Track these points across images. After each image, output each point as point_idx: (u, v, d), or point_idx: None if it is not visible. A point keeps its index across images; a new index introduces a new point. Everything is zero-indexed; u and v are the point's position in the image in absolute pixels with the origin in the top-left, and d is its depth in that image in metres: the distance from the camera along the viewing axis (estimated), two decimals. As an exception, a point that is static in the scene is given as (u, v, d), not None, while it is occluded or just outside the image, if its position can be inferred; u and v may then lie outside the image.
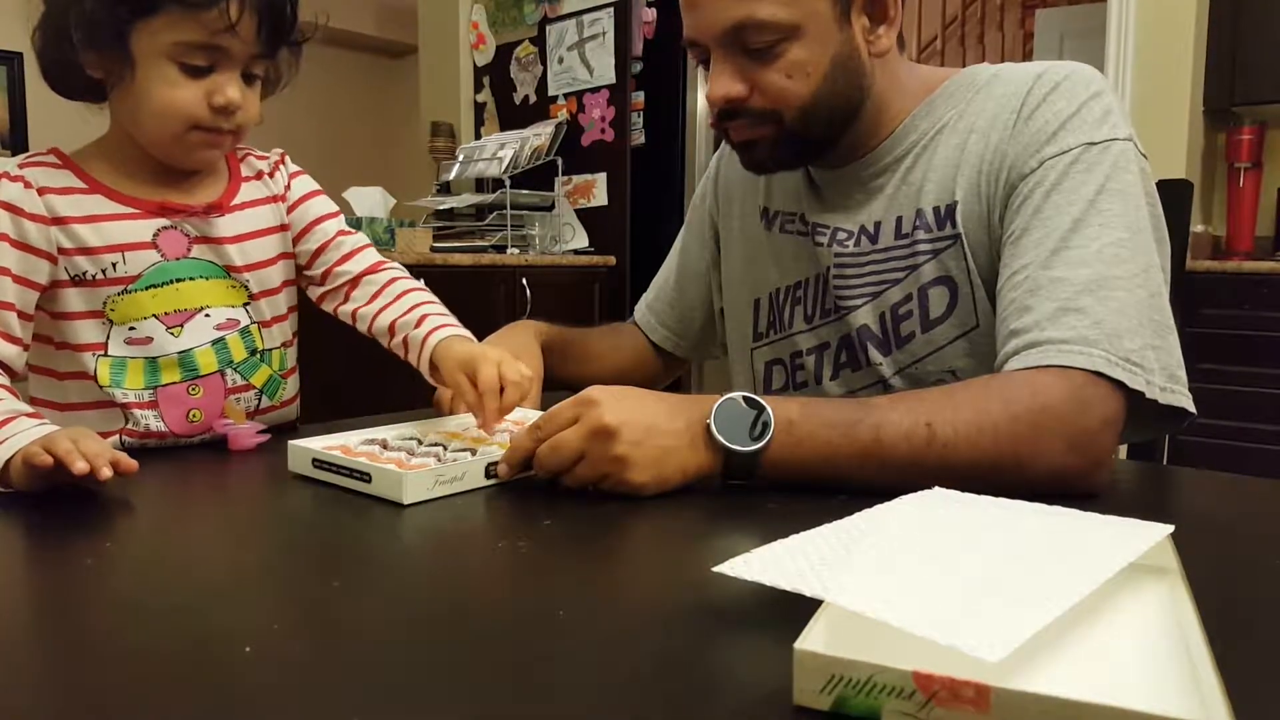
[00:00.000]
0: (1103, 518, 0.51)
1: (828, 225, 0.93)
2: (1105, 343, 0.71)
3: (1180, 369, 0.76)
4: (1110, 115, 0.81)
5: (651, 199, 3.36)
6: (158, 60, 0.79)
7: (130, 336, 0.84)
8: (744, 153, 0.89)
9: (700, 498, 0.67)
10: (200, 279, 0.87)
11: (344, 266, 0.95)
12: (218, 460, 0.82)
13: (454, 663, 0.41)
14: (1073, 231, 0.76)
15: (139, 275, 0.84)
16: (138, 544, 0.60)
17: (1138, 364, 0.72)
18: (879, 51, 0.86)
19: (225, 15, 0.77)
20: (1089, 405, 0.70)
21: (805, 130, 0.84)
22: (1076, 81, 0.82)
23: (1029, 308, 0.75)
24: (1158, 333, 0.75)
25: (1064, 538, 0.49)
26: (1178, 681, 0.38)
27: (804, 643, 0.36)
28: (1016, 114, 0.83)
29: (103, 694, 0.38)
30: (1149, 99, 2.75)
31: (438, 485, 0.66)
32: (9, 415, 0.72)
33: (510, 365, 0.79)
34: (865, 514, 0.52)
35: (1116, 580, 0.43)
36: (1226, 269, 2.72)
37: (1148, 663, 0.40)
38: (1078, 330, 0.72)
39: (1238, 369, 2.68)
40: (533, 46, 3.41)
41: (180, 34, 0.78)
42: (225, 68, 0.81)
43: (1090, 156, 0.79)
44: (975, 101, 0.87)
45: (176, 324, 0.86)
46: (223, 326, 0.88)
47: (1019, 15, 5.43)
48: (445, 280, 2.69)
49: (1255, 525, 0.67)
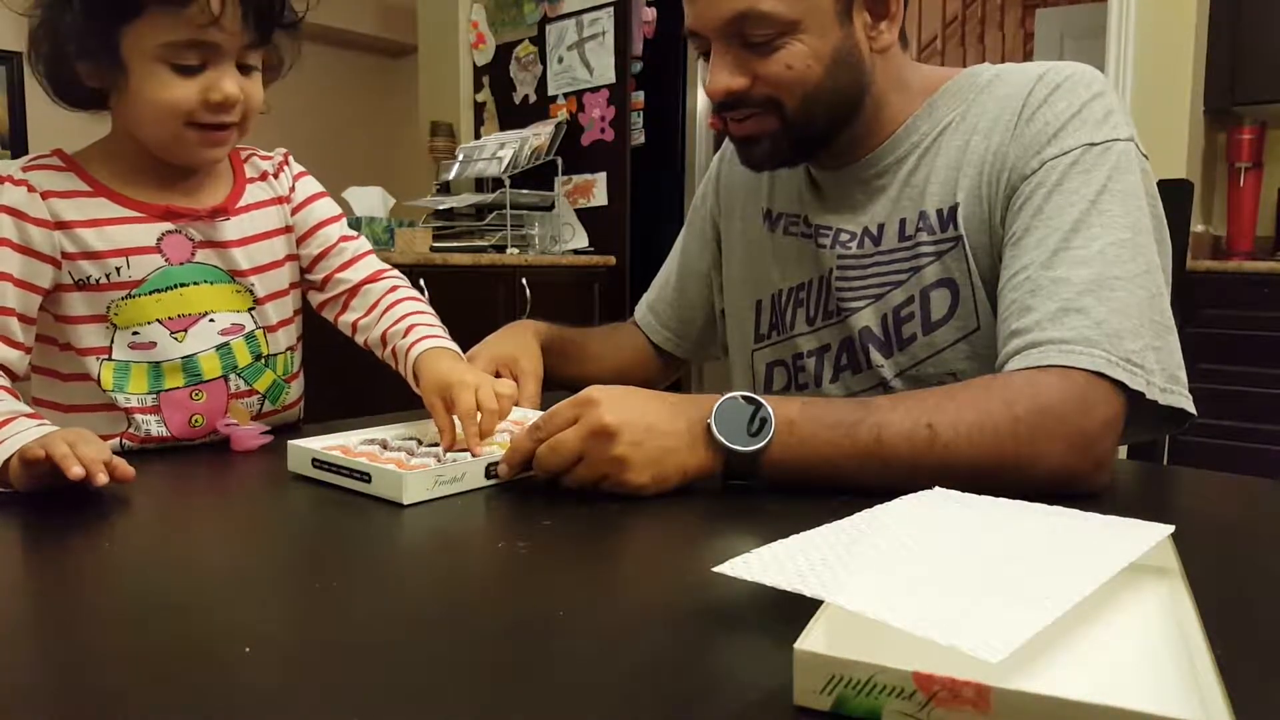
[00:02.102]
0: (1103, 518, 0.51)
1: (830, 227, 0.93)
2: (1106, 343, 0.71)
3: (1180, 370, 0.76)
4: (1112, 116, 0.81)
5: (651, 199, 3.36)
6: (148, 63, 0.78)
7: (134, 341, 0.84)
8: (743, 149, 0.89)
9: (700, 498, 0.67)
10: (205, 284, 0.86)
11: (344, 274, 0.96)
12: (218, 460, 0.82)
13: (454, 663, 0.41)
14: (1074, 232, 0.76)
15: (143, 280, 0.83)
16: (138, 544, 0.60)
17: (1139, 365, 0.72)
18: (880, 48, 0.86)
19: (207, 10, 0.76)
20: (1090, 406, 0.70)
21: (806, 121, 0.84)
22: (1078, 82, 0.82)
23: (1030, 308, 0.75)
24: (1158, 334, 0.75)
25: (1064, 538, 0.49)
26: (1177, 682, 0.38)
27: (804, 643, 0.36)
28: (1018, 115, 0.83)
29: (102, 694, 0.38)
30: (1149, 99, 2.75)
31: (438, 485, 0.67)
32: (9, 416, 0.72)
33: (487, 391, 0.78)
34: (865, 514, 0.52)
35: (1117, 580, 0.43)
36: (1226, 269, 2.72)
37: (1148, 663, 0.40)
38: (1079, 330, 0.72)
39: (1238, 369, 2.68)
40: (533, 46, 3.41)
41: (166, 34, 0.77)
42: (217, 62, 0.79)
43: (1091, 157, 0.79)
44: (977, 103, 0.87)
45: (180, 329, 0.85)
46: (227, 332, 0.88)
47: (1019, 15, 5.43)
48: (445, 280, 2.70)
49: (1255, 525, 0.67)
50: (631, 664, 0.40)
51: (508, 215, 3.03)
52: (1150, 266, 0.77)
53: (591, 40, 3.21)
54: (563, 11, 3.29)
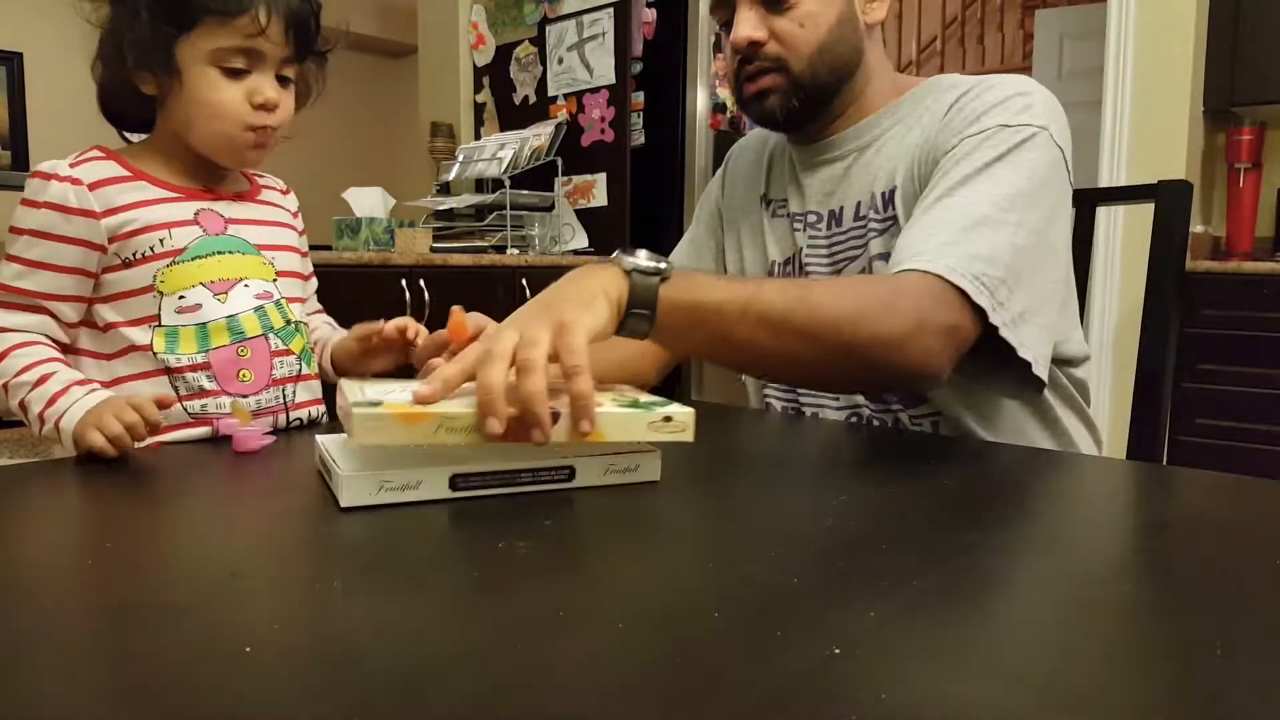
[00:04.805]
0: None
1: (803, 213, 1.07)
2: (959, 262, 0.81)
3: (1033, 326, 0.84)
4: (1032, 109, 0.90)
5: (651, 199, 3.36)
6: (201, 67, 0.90)
7: (180, 306, 0.92)
8: (756, 104, 1.01)
9: (700, 498, 0.67)
10: (238, 254, 0.96)
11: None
12: (219, 461, 0.82)
13: (454, 663, 0.41)
14: (961, 185, 0.87)
15: (184, 248, 0.92)
16: (138, 544, 0.60)
17: (987, 287, 0.81)
18: (872, 20, 1.00)
19: (256, 20, 0.89)
20: (939, 303, 0.80)
21: (811, 77, 0.97)
22: (1011, 84, 0.93)
23: (910, 240, 0.86)
24: (1016, 279, 0.83)
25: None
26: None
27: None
28: (949, 106, 0.95)
29: (102, 694, 0.38)
30: (1149, 99, 2.75)
31: (383, 492, 0.63)
32: (65, 385, 0.85)
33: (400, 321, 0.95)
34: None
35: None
36: (1226, 269, 2.71)
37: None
38: (941, 250, 0.82)
39: (1238, 369, 2.68)
40: (532, 47, 3.41)
41: (218, 41, 0.89)
42: (260, 69, 0.92)
43: (1002, 135, 0.89)
44: (933, 104, 0.98)
45: (222, 291, 0.94)
46: (261, 296, 0.97)
47: (1019, 15, 5.43)
48: (445, 281, 2.70)
49: (1255, 525, 0.67)
50: (631, 664, 0.40)
51: (508, 216, 3.03)
52: (1024, 225, 0.85)
53: (591, 41, 3.22)
54: (563, 12, 3.29)
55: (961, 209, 0.85)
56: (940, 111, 0.95)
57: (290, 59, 0.94)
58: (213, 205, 0.96)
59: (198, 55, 0.89)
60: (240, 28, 0.89)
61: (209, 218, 0.95)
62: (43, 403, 0.85)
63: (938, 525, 0.59)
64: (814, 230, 1.04)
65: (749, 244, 1.14)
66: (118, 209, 0.90)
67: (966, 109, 0.92)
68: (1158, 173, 0.86)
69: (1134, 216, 2.76)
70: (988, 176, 0.87)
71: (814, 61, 0.96)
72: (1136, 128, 2.78)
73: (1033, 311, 0.84)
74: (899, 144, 0.98)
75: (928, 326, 0.78)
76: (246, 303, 0.95)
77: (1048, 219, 0.87)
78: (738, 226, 1.16)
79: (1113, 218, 2.80)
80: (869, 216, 0.99)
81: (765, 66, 0.97)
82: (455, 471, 0.64)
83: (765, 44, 0.96)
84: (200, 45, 0.89)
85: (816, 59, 0.96)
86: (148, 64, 0.90)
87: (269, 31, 0.90)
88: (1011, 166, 0.87)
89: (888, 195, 0.98)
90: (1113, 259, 2.81)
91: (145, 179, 0.93)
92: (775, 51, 0.96)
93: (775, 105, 0.99)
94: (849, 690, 0.37)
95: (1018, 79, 0.94)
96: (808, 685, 0.37)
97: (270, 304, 0.97)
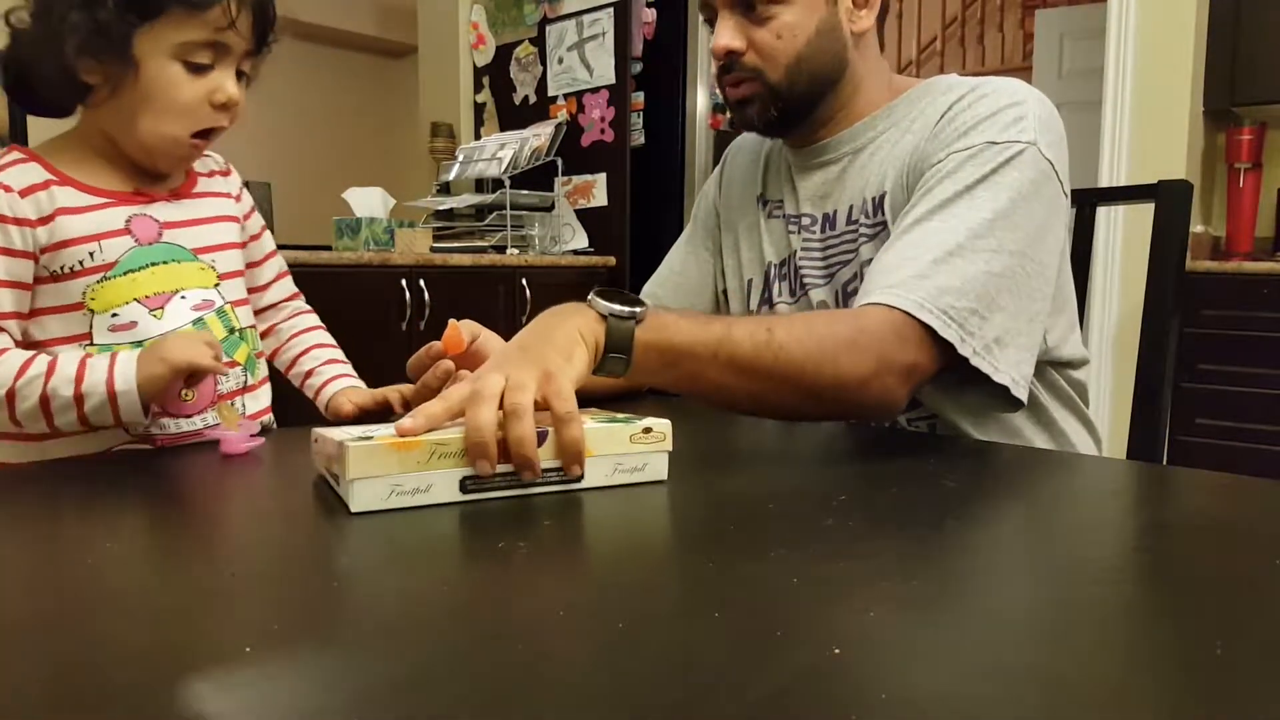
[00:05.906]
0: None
1: (798, 215, 1.06)
2: (927, 296, 0.81)
3: (1015, 350, 0.84)
4: (1022, 121, 0.89)
5: (651, 199, 3.36)
6: (162, 60, 0.82)
7: (114, 324, 0.86)
8: (738, 110, 1.01)
9: (700, 499, 0.67)
10: (173, 263, 0.90)
11: (263, 294, 1.04)
12: (216, 461, 0.82)
13: (454, 663, 0.41)
14: (940, 208, 0.87)
15: (115, 262, 0.86)
16: (138, 544, 0.60)
17: (955, 320, 0.81)
18: (858, 30, 0.98)
19: (227, 12, 0.82)
20: (903, 340, 0.80)
21: (789, 87, 0.97)
22: (1003, 92, 0.92)
23: (882, 265, 0.86)
24: (990, 306, 0.83)
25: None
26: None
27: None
28: (941, 115, 0.94)
29: (102, 694, 0.38)
30: (1149, 99, 2.75)
31: (394, 496, 0.63)
32: (79, 360, 0.81)
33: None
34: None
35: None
36: (1226, 269, 2.72)
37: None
38: (909, 283, 0.82)
39: (1238, 369, 2.68)
40: (532, 47, 3.41)
41: (185, 33, 0.82)
42: (224, 64, 0.85)
43: (989, 153, 0.88)
44: (926, 109, 0.97)
45: (158, 306, 0.88)
46: (199, 307, 0.91)
47: (1019, 15, 5.43)
48: (445, 281, 2.70)
49: (1255, 525, 0.67)
50: (631, 664, 0.40)
51: (508, 216, 3.03)
52: (1003, 249, 0.84)
53: (591, 41, 3.22)
54: (563, 12, 3.29)
55: (937, 236, 0.84)
56: (933, 118, 0.94)
57: (251, 53, 0.88)
58: (145, 209, 0.89)
59: (160, 47, 0.82)
60: (210, 20, 0.82)
61: (142, 224, 0.88)
62: (72, 383, 0.79)
63: (937, 525, 0.59)
64: (808, 233, 1.04)
65: (746, 245, 1.13)
66: (48, 217, 0.83)
67: (957, 119, 0.92)
68: (1158, 173, 0.86)
69: (1134, 216, 2.76)
70: (968, 199, 0.86)
71: (791, 72, 0.96)
72: (1136, 128, 2.78)
73: (1012, 333, 0.84)
74: (892, 149, 0.97)
75: (889, 366, 0.80)
76: (184, 316, 0.89)
77: (1032, 237, 0.86)
78: (735, 227, 1.16)
79: (1113, 218, 2.80)
80: (860, 221, 0.99)
81: (743, 76, 0.97)
82: (466, 474, 0.64)
83: (744, 54, 0.96)
84: (165, 37, 0.81)
85: (794, 70, 0.96)
86: (96, 51, 0.81)
87: (238, 24, 0.83)
88: (993, 188, 0.86)
89: (878, 200, 0.97)
90: (1113, 259, 2.81)
91: (72, 184, 0.85)
92: (753, 62, 0.96)
93: (754, 113, 0.99)
94: (849, 690, 0.37)
95: (1013, 85, 0.93)
96: (808, 685, 0.37)
97: (211, 314, 0.91)
